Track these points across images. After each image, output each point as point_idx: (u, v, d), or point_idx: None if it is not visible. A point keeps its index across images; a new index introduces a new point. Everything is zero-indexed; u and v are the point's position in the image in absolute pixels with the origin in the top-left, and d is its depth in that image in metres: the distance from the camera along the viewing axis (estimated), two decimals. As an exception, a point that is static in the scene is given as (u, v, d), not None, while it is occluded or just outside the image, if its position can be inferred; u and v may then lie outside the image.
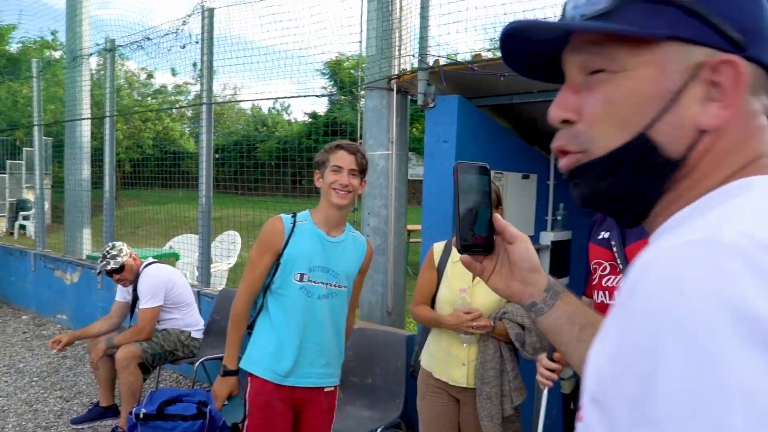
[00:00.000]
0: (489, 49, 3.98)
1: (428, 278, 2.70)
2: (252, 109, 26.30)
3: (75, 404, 4.63)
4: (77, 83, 7.17)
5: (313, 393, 2.48)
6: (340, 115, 14.98)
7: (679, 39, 0.63)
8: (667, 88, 0.63)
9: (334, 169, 2.35)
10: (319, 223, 2.44)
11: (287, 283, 2.39)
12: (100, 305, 6.24)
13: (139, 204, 11.40)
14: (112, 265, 4.00)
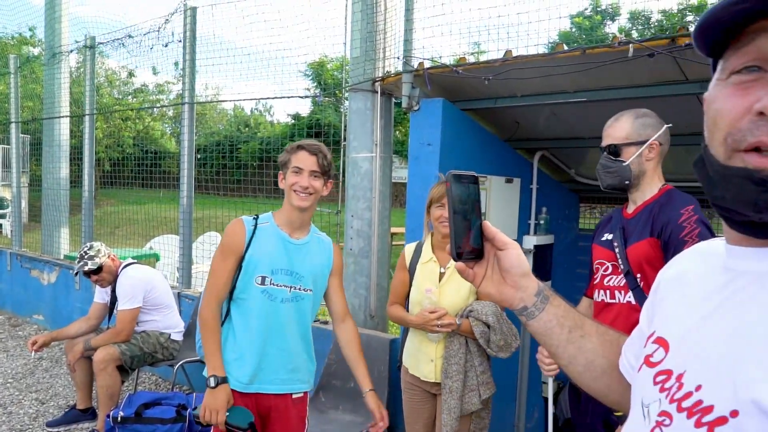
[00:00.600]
0: (473, 53, 3.98)
1: (401, 279, 2.76)
2: (234, 110, 26.13)
3: (51, 407, 4.55)
4: (56, 80, 7.06)
5: (278, 399, 2.40)
6: (323, 117, 14.93)
7: None
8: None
9: (294, 170, 2.30)
10: (281, 225, 2.39)
11: (248, 287, 2.33)
12: (77, 306, 6.14)
13: (118, 204, 11.26)
14: (90, 265, 3.93)
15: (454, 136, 3.64)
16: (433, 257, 2.67)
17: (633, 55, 2.78)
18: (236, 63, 5.08)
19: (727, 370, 0.67)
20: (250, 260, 2.32)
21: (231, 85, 26.68)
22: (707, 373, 0.69)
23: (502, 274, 0.99)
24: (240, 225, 2.36)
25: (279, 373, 2.39)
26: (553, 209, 4.45)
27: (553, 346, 0.99)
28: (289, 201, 2.34)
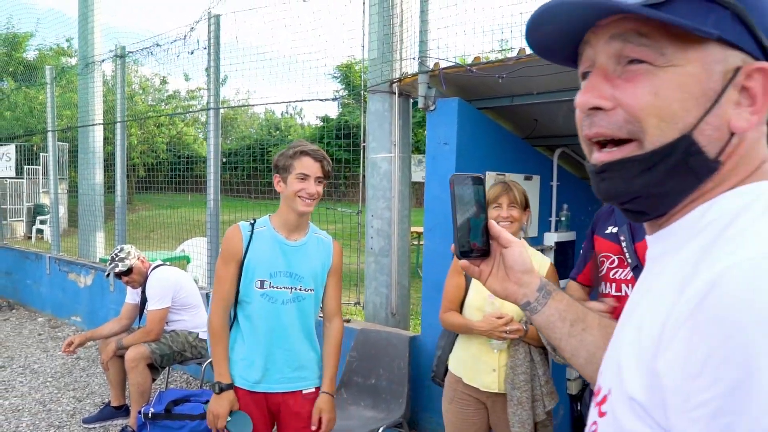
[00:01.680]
0: (491, 51, 4.01)
1: (455, 284, 2.65)
2: (265, 114, 26.50)
3: (87, 404, 4.72)
4: (90, 89, 7.30)
5: (287, 397, 2.46)
6: (351, 119, 15.04)
7: (723, 41, 0.64)
8: (711, 88, 0.65)
9: (300, 176, 2.32)
10: (278, 228, 2.43)
11: (250, 291, 2.39)
12: (112, 307, 6.34)
13: (153, 208, 11.54)
14: (120, 267, 4.08)
15: (471, 135, 3.67)
16: None
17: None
18: (261, 68, 5.21)
19: (612, 354, 0.72)
20: (248, 265, 2.38)
21: (261, 90, 27.04)
22: (606, 360, 0.74)
23: (506, 271, 1.03)
24: (237, 231, 2.41)
25: (284, 372, 2.45)
26: (574, 206, 4.44)
27: (556, 339, 1.02)
28: (290, 206, 2.37)
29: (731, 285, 0.53)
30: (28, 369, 5.53)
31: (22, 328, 7.03)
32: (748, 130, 0.65)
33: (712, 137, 0.65)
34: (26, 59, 20.05)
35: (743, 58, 0.65)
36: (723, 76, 0.65)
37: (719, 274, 0.54)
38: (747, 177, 0.66)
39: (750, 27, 0.64)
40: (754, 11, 0.64)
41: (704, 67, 0.64)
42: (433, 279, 3.69)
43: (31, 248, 8.94)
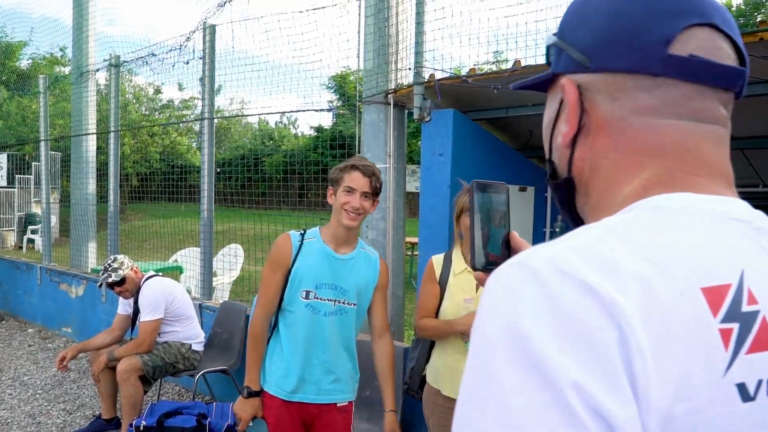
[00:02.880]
0: (486, 62, 4.02)
1: (430, 291, 2.63)
2: (259, 123, 26.49)
3: (78, 417, 4.67)
4: (83, 98, 7.27)
5: (322, 409, 2.47)
6: (345, 129, 15.06)
7: (559, 73, 0.69)
8: (551, 116, 0.72)
9: (346, 189, 2.33)
10: (327, 241, 2.45)
11: (294, 301, 2.41)
12: (104, 318, 6.29)
13: (146, 218, 11.49)
14: (113, 277, 4.05)
15: (466, 146, 3.67)
16: (467, 267, 2.58)
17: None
18: (256, 78, 5.19)
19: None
20: (295, 274, 2.40)
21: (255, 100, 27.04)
22: None
23: None
24: (287, 240, 2.44)
25: (321, 384, 2.45)
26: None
27: None
28: (337, 218, 2.39)
29: (482, 296, 0.55)
30: (18, 381, 5.47)
31: (12, 340, 6.95)
32: (564, 142, 0.68)
33: (557, 156, 0.71)
34: (19, 68, 20.00)
35: (562, 80, 0.69)
36: (558, 101, 0.70)
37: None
38: (647, 186, 0.63)
39: (566, 50, 0.68)
40: (568, 35, 0.69)
41: (550, 102, 0.72)
42: (428, 290, 3.68)
43: (22, 258, 8.86)
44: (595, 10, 0.66)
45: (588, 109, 0.67)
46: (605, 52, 0.64)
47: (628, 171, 0.64)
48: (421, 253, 3.78)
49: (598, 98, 0.66)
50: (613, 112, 0.65)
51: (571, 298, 0.48)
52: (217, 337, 4.72)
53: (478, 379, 0.50)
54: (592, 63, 0.65)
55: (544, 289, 0.49)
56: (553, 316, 0.48)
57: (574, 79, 0.67)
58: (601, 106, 0.66)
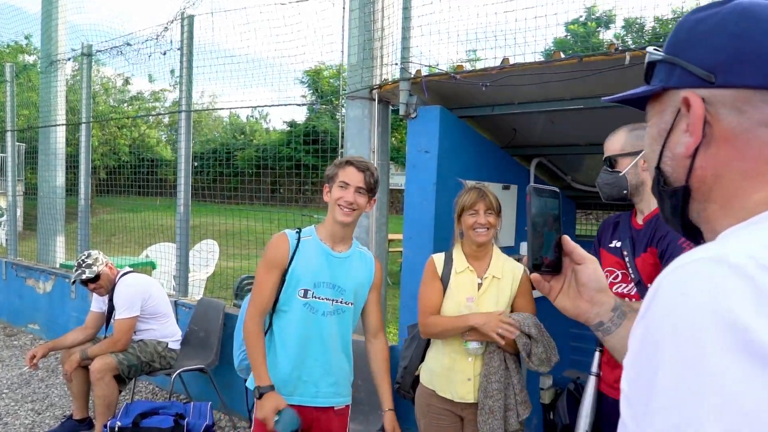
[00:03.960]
0: (468, 60, 4.00)
1: (435, 289, 2.58)
2: (230, 117, 26.14)
3: (47, 417, 4.52)
4: (52, 88, 7.06)
5: (320, 412, 2.42)
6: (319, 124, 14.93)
7: (671, 87, 0.76)
8: (663, 128, 0.78)
9: (341, 185, 2.31)
10: (324, 239, 2.41)
11: (291, 300, 2.35)
12: (74, 315, 6.12)
13: (114, 212, 11.24)
14: (88, 274, 3.92)
15: (452, 144, 3.64)
16: (468, 266, 2.55)
17: (629, 62, 2.79)
18: (233, 71, 5.09)
19: None
20: (293, 273, 2.34)
21: (227, 93, 26.69)
22: None
23: (579, 288, 1.01)
24: (284, 239, 2.38)
25: (320, 386, 2.41)
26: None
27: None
28: (332, 215, 2.35)
29: (662, 290, 0.58)
30: (-17, 379, 5.28)
31: (-24, 336, 6.72)
32: (687, 153, 0.74)
33: (672, 165, 0.77)
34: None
35: (686, 92, 0.74)
36: (673, 114, 0.76)
37: (659, 281, 0.60)
38: (727, 210, 0.71)
39: (683, 66, 0.74)
40: (684, 52, 0.75)
41: (659, 114, 0.79)
42: (411, 288, 3.64)
43: (-14, 252, 8.57)
44: (715, 31, 0.72)
45: (710, 121, 0.72)
46: (733, 69, 0.70)
47: (758, 179, 0.69)
48: (405, 251, 3.74)
49: (723, 111, 0.71)
50: (740, 124, 0.70)
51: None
52: (193, 334, 4.62)
53: (685, 371, 0.51)
54: (718, 79, 0.71)
55: (753, 283, 0.52)
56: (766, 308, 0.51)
57: (698, 93, 0.72)
58: (727, 118, 0.71)
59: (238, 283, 6.24)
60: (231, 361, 4.52)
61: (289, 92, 14.65)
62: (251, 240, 7.61)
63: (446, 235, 3.69)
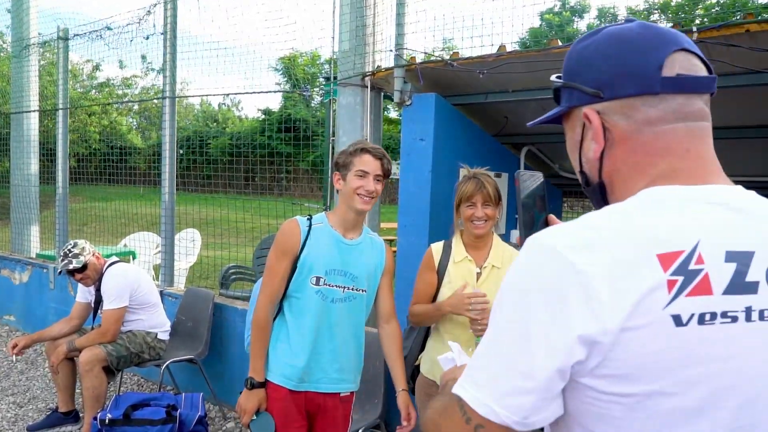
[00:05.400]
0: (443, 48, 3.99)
1: (428, 280, 2.58)
2: (201, 105, 25.73)
3: (30, 410, 4.41)
4: (25, 74, 6.83)
5: (327, 398, 2.41)
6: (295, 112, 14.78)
7: (574, 106, 0.93)
8: (576, 140, 0.95)
9: (359, 173, 2.27)
10: (335, 226, 2.38)
11: (303, 287, 2.33)
12: (52, 306, 5.98)
13: (85, 200, 10.99)
14: (75, 264, 3.82)
15: (447, 131, 3.64)
16: (467, 256, 2.52)
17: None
18: (210, 57, 5.00)
19: None
20: (305, 261, 2.31)
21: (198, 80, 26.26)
22: None
23: None
24: (295, 226, 2.35)
25: (328, 372, 2.38)
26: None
27: None
28: (349, 204, 2.32)
29: (521, 252, 0.83)
30: (-41, 373, 5.13)
31: (-52, 329, 6.52)
32: (595, 156, 0.91)
33: (588, 168, 0.94)
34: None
35: (584, 109, 0.91)
36: (581, 127, 0.92)
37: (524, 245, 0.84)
38: (649, 184, 0.86)
39: (578, 88, 0.91)
40: (576, 77, 0.91)
41: (572, 129, 0.96)
42: (407, 277, 3.64)
43: (-45, 242, 8.30)
44: (594, 56, 0.90)
45: (609, 128, 0.89)
46: (615, 84, 0.87)
47: (644, 170, 0.86)
48: (400, 239, 3.74)
49: (615, 119, 0.88)
50: (629, 126, 0.87)
51: (552, 268, 0.77)
52: (181, 325, 4.55)
53: (511, 303, 0.81)
54: (606, 94, 0.88)
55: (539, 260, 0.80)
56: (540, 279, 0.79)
57: (593, 108, 0.89)
58: (619, 123, 0.87)
59: (224, 272, 6.16)
60: (221, 352, 4.48)
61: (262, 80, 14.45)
62: (227, 229, 7.50)
63: (442, 223, 3.69)
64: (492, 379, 0.79)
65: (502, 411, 0.77)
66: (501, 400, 0.77)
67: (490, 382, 0.79)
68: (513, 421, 0.77)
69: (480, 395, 0.79)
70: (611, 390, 0.76)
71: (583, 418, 0.81)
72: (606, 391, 0.76)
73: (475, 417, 0.80)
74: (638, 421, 0.77)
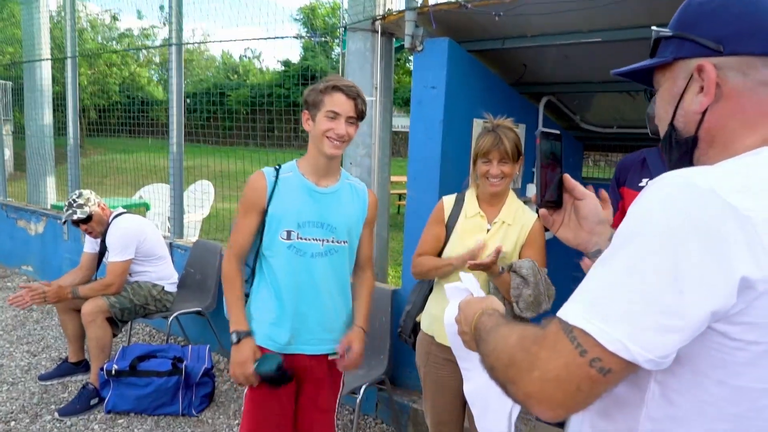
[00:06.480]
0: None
1: (435, 234, 2.44)
2: (222, 57, 25.49)
3: (43, 359, 4.45)
4: (35, 21, 6.71)
5: (314, 361, 2.27)
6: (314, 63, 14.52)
7: (682, 58, 0.93)
8: (676, 91, 0.95)
9: (329, 115, 2.06)
10: (307, 174, 2.19)
11: (273, 243, 2.16)
12: (67, 256, 6.00)
13: (106, 152, 10.99)
14: (79, 214, 3.76)
15: (460, 79, 3.45)
16: (480, 212, 2.38)
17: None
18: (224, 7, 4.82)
19: None
20: (273, 214, 2.15)
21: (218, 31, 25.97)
22: None
23: (580, 221, 1.17)
24: (260, 177, 2.18)
25: (315, 333, 2.24)
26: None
27: None
28: (318, 147, 2.13)
29: (652, 187, 0.80)
30: (-24, 321, 5.19)
31: (-32, 278, 6.61)
32: (700, 109, 0.90)
33: (683, 122, 0.94)
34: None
35: (698, 62, 0.90)
36: (685, 79, 0.93)
37: (652, 183, 0.81)
38: (763, 140, 0.86)
39: (694, 40, 0.91)
40: (693, 29, 0.91)
41: (671, 80, 0.96)
42: (416, 231, 3.50)
43: (-25, 193, 8.38)
44: (720, 10, 0.89)
45: (720, 83, 0.88)
46: (739, 40, 0.87)
47: (755, 128, 0.87)
48: (410, 192, 3.60)
49: (731, 75, 0.88)
50: (744, 84, 0.87)
51: (711, 209, 0.74)
52: (190, 277, 4.51)
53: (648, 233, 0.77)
54: (726, 48, 0.88)
55: (698, 193, 0.76)
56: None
57: (710, 61, 0.89)
58: (734, 80, 0.88)
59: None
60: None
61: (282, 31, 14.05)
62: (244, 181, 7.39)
63: (453, 175, 3.54)
64: (626, 314, 0.75)
65: (636, 348, 0.74)
66: (636, 337, 0.74)
67: (624, 317, 0.75)
68: (646, 359, 0.74)
69: (610, 329, 0.75)
70: (742, 337, 0.76)
71: (698, 363, 0.79)
72: (736, 337, 0.76)
73: (595, 350, 0.76)
74: (760, 369, 0.77)
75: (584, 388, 0.77)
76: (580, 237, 1.16)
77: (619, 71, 1.06)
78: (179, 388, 3.63)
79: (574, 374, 0.77)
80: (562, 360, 0.78)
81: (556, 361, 0.78)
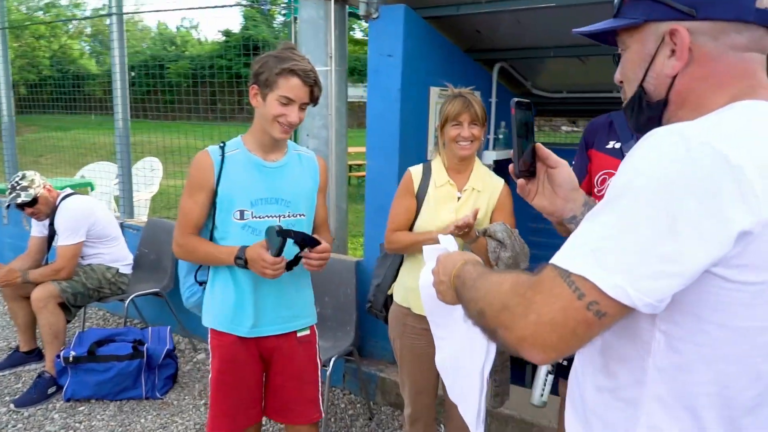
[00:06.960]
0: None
1: (406, 206, 2.40)
2: (158, 27, 24.49)
3: (-9, 349, 4.27)
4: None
5: (281, 340, 2.22)
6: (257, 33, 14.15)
7: (653, 20, 0.94)
8: (647, 54, 0.96)
9: (282, 100, 1.95)
10: (253, 149, 2.10)
11: (227, 225, 2.08)
12: (7, 241, 5.73)
13: (40, 130, 10.49)
14: (24, 197, 3.58)
15: (417, 47, 3.42)
16: (449, 180, 2.37)
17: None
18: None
19: None
20: (223, 195, 2.06)
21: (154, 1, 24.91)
22: None
23: (555, 189, 1.18)
24: (205, 157, 2.06)
25: (279, 311, 2.18)
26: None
27: None
28: (265, 128, 2.03)
29: (643, 142, 0.83)
30: None
31: None
32: (674, 72, 0.93)
33: (654, 84, 0.96)
34: None
35: (670, 25, 0.92)
36: (656, 42, 0.94)
37: (642, 139, 0.84)
38: (732, 100, 0.89)
39: (666, 3, 0.92)
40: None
41: (641, 42, 0.97)
42: (376, 201, 3.50)
43: None
44: None
45: (692, 47, 0.91)
46: (712, 6, 0.89)
47: (724, 89, 0.91)
48: (369, 162, 3.57)
49: (703, 39, 0.91)
50: (716, 48, 0.90)
51: (703, 159, 0.76)
52: (144, 258, 4.38)
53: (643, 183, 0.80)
54: (699, 13, 0.90)
55: (686, 144, 0.78)
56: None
57: (683, 25, 0.91)
58: (706, 45, 0.91)
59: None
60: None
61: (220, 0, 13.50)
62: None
63: (412, 145, 3.53)
64: (625, 262, 0.77)
65: (635, 293, 0.77)
66: (636, 282, 0.77)
67: (623, 264, 0.78)
68: (644, 303, 0.77)
69: (610, 276, 0.78)
70: (739, 278, 0.79)
71: (697, 306, 0.83)
72: (734, 279, 0.79)
73: (593, 294, 0.78)
74: (757, 308, 0.81)
75: (579, 332, 0.80)
76: (556, 204, 1.18)
77: (582, 30, 1.06)
78: (141, 371, 3.55)
79: (571, 317, 0.80)
80: (558, 303, 0.80)
81: (552, 305, 0.81)
